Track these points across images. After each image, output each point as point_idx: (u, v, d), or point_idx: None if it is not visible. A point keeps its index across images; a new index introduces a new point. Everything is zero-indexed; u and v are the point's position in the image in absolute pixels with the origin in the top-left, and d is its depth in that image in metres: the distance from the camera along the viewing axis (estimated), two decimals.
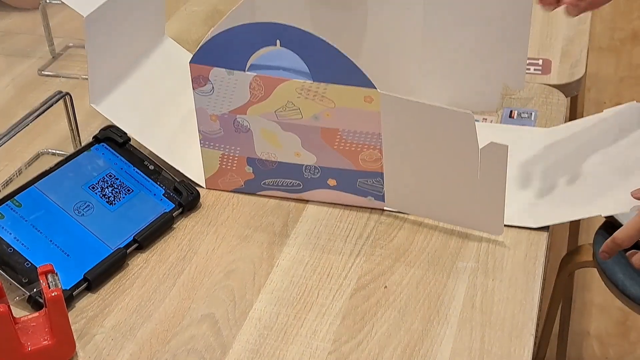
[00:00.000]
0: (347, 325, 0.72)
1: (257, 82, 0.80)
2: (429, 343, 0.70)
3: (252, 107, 0.82)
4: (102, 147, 0.87)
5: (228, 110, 0.83)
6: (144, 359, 0.70)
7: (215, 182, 0.88)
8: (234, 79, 0.80)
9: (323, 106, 0.79)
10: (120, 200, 0.83)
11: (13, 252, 0.76)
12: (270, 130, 0.82)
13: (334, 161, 0.83)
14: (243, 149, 0.85)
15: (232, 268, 0.79)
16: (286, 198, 0.87)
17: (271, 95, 0.80)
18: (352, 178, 0.83)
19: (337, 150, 0.82)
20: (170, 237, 0.83)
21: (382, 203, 0.84)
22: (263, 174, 0.86)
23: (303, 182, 0.85)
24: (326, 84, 0.78)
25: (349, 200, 0.85)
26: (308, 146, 0.83)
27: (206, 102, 0.83)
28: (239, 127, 0.83)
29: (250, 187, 0.87)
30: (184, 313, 0.74)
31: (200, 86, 0.82)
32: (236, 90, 0.81)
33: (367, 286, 0.76)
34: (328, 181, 0.84)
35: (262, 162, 0.85)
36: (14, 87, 1.11)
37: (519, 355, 0.69)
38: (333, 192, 0.85)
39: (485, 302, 0.74)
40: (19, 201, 0.80)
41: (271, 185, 0.86)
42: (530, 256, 0.79)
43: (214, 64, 0.80)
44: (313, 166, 0.84)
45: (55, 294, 0.66)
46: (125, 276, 0.79)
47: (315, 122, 0.80)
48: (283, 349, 0.70)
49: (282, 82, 0.79)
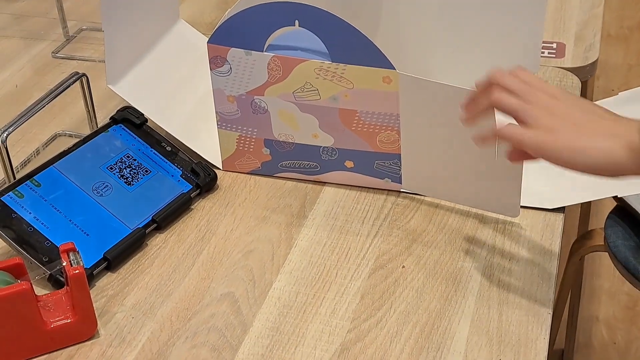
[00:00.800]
0: (365, 304, 0.73)
1: (275, 63, 0.80)
2: (447, 321, 0.71)
3: (270, 87, 0.82)
4: (119, 128, 0.88)
5: (245, 91, 0.83)
6: (164, 337, 0.70)
7: (232, 164, 0.89)
8: (252, 59, 0.80)
9: (341, 87, 0.79)
10: (139, 181, 0.84)
11: (33, 231, 0.76)
12: (288, 112, 0.83)
13: (351, 143, 0.83)
14: (260, 131, 0.85)
15: (251, 248, 0.80)
16: (303, 180, 0.87)
17: (289, 75, 0.80)
18: (369, 160, 0.83)
19: (355, 131, 0.82)
20: (188, 217, 0.84)
21: (398, 185, 0.85)
22: (280, 156, 0.86)
23: (320, 163, 0.85)
24: (345, 64, 0.78)
25: (366, 182, 0.85)
26: (326, 127, 0.83)
27: (224, 82, 0.83)
28: (256, 108, 0.83)
29: (267, 169, 0.88)
30: (203, 292, 0.75)
31: (217, 67, 0.82)
32: (254, 71, 0.81)
33: (385, 266, 0.77)
34: (345, 163, 0.84)
35: (280, 144, 0.85)
36: (29, 70, 1.12)
37: (537, 334, 0.69)
38: (350, 174, 0.85)
39: (503, 281, 0.75)
40: (38, 181, 0.80)
41: (288, 167, 0.87)
42: (547, 237, 0.79)
43: (232, 44, 0.80)
44: (330, 148, 0.84)
45: (78, 272, 0.67)
46: (144, 256, 0.79)
47: (333, 103, 0.81)
48: (303, 327, 0.71)
49: (301, 63, 0.79)
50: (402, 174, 0.84)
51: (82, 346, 0.70)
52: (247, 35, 0.80)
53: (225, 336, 0.70)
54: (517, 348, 0.68)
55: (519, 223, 0.81)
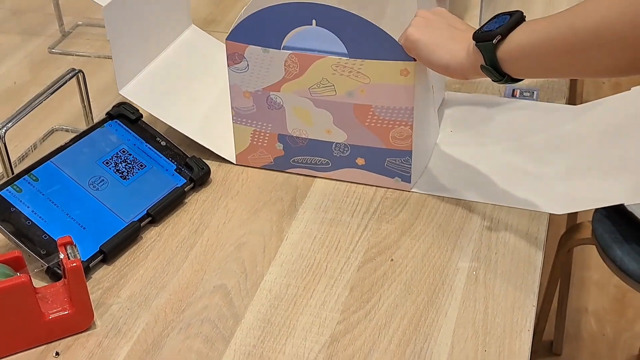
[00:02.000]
0: (355, 297, 0.75)
1: (292, 60, 0.81)
2: (434, 314, 0.73)
3: (286, 84, 0.83)
4: (115, 124, 0.90)
5: (262, 87, 0.84)
6: (159, 328, 0.72)
7: (245, 158, 0.90)
8: (269, 56, 0.82)
9: (358, 82, 0.80)
10: (134, 175, 0.85)
11: (31, 225, 0.78)
12: (303, 107, 0.84)
13: (364, 139, 0.84)
14: (275, 126, 0.86)
15: (243, 241, 0.82)
16: (296, 174, 0.89)
17: (306, 72, 0.81)
18: (380, 157, 0.84)
19: (368, 127, 0.83)
20: (182, 211, 0.86)
21: (407, 185, 0.85)
22: (293, 151, 0.87)
23: (332, 160, 0.86)
24: (362, 59, 0.79)
25: (376, 180, 0.86)
26: (339, 123, 0.84)
27: (240, 79, 0.85)
28: (272, 104, 0.85)
29: (280, 164, 0.89)
30: (197, 284, 0.77)
31: (235, 63, 0.84)
32: (271, 68, 0.83)
33: (374, 259, 0.79)
34: (357, 160, 0.85)
35: (293, 139, 0.87)
36: (25, 65, 1.13)
37: (521, 326, 0.71)
38: (360, 172, 0.86)
39: (489, 274, 0.77)
40: (36, 175, 0.82)
41: (300, 162, 0.88)
42: (532, 230, 0.81)
43: (250, 42, 0.82)
44: (343, 144, 0.85)
45: (75, 265, 0.69)
46: (139, 249, 0.81)
47: (348, 99, 0.82)
48: (293, 319, 0.73)
49: (318, 59, 0.80)
50: (411, 173, 0.84)
51: (79, 337, 0.71)
52: (265, 33, 0.81)
53: (218, 327, 0.72)
54: (502, 339, 0.70)
55: (505, 216, 0.83)
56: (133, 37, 0.92)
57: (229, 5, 1.27)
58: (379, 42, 0.78)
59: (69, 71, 0.91)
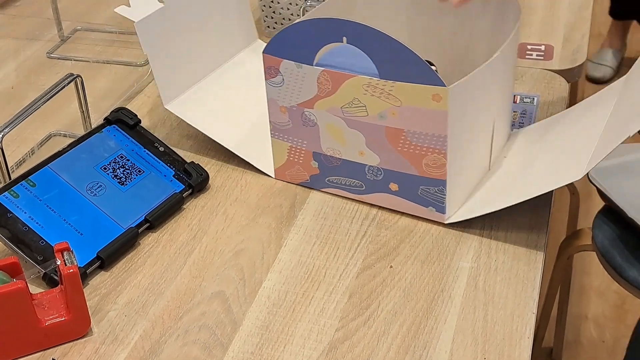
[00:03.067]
0: (353, 303, 0.74)
1: (324, 77, 0.80)
2: (434, 321, 0.72)
3: (319, 101, 0.82)
4: (113, 129, 0.89)
5: (296, 102, 0.83)
6: (156, 334, 0.72)
7: (283, 174, 0.89)
8: (303, 72, 0.81)
9: (389, 104, 0.78)
10: (132, 181, 0.85)
11: (28, 231, 0.78)
12: (336, 126, 0.82)
13: (397, 164, 0.81)
14: (310, 143, 0.85)
15: (241, 248, 0.81)
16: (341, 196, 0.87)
17: (338, 90, 0.80)
18: (414, 184, 0.81)
19: (401, 152, 0.80)
20: (180, 217, 0.85)
21: (442, 216, 0.81)
22: (328, 171, 0.86)
23: (365, 183, 0.84)
24: (393, 81, 0.77)
25: (410, 208, 0.83)
26: (372, 145, 0.81)
27: (277, 93, 0.84)
28: (306, 121, 0.84)
29: (315, 183, 0.88)
30: (195, 291, 0.76)
31: (271, 77, 0.83)
32: (304, 84, 0.81)
33: (373, 266, 0.79)
34: (390, 185, 0.83)
35: (328, 158, 0.85)
36: (24, 70, 1.13)
37: (521, 334, 0.71)
38: (394, 198, 0.83)
39: (488, 281, 0.76)
40: (33, 181, 0.82)
41: (335, 183, 0.86)
42: (532, 238, 0.81)
43: (285, 56, 0.81)
44: (376, 167, 0.82)
45: (72, 271, 0.68)
46: (137, 255, 0.80)
47: (380, 121, 0.79)
48: (292, 326, 0.72)
49: (349, 78, 0.78)
50: (446, 204, 0.80)
51: (75, 344, 0.71)
52: (298, 48, 0.80)
53: (216, 334, 0.72)
54: (501, 347, 0.70)
55: (505, 223, 0.83)
56: (177, 52, 0.92)
57: None
58: (410, 64, 0.75)
59: (67, 76, 0.91)
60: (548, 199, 0.87)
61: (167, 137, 0.94)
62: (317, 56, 0.80)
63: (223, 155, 0.94)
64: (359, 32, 0.77)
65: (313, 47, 0.80)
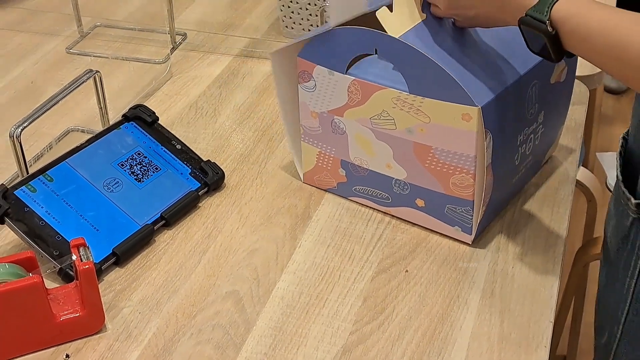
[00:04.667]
0: (368, 307, 0.74)
1: (355, 86, 0.79)
2: (449, 327, 0.72)
3: (348, 110, 0.81)
4: (131, 126, 0.89)
5: (327, 109, 0.83)
6: (170, 332, 0.72)
7: (312, 178, 0.89)
8: (334, 79, 0.80)
9: (418, 120, 0.77)
10: (148, 178, 0.85)
11: (44, 225, 0.78)
12: (365, 137, 0.81)
13: (423, 180, 0.80)
14: (338, 151, 0.84)
15: (256, 247, 0.81)
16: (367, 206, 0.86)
17: (368, 101, 0.79)
18: (440, 202, 0.79)
19: (428, 169, 0.78)
20: (195, 215, 0.85)
21: (469, 237, 0.80)
22: (355, 180, 0.85)
23: (392, 196, 0.83)
24: (422, 97, 0.75)
25: (436, 226, 0.82)
26: (399, 159, 0.80)
27: (309, 97, 0.83)
28: (335, 128, 0.83)
29: (343, 190, 0.87)
30: (209, 289, 0.76)
31: (304, 81, 0.83)
32: (335, 91, 0.81)
33: (388, 270, 0.78)
34: (416, 201, 0.81)
35: (355, 168, 0.84)
36: (43, 65, 1.13)
37: (537, 342, 0.70)
38: (420, 214, 0.82)
39: (505, 288, 0.75)
40: (50, 176, 0.82)
41: (362, 192, 0.85)
42: (550, 244, 0.80)
43: (318, 61, 0.81)
44: (403, 181, 0.81)
45: (88, 267, 0.68)
46: (152, 252, 0.80)
47: (408, 136, 0.78)
48: (305, 328, 0.72)
49: (379, 90, 0.78)
50: (473, 225, 0.78)
51: (89, 340, 0.71)
52: (331, 55, 0.80)
53: (229, 334, 0.71)
54: (517, 355, 0.69)
55: (522, 229, 0.82)
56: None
57: (247, 9, 1.27)
58: (440, 81, 0.73)
59: (86, 72, 0.91)
60: (566, 206, 0.86)
61: (184, 135, 0.94)
62: (349, 65, 0.79)
63: (239, 154, 0.94)
64: (390, 46, 0.75)
65: (346, 55, 0.79)
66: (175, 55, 1.13)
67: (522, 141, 0.81)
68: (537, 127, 0.83)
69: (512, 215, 0.84)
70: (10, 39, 1.19)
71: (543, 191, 0.88)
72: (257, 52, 1.14)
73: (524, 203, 0.86)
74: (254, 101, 1.04)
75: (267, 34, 1.19)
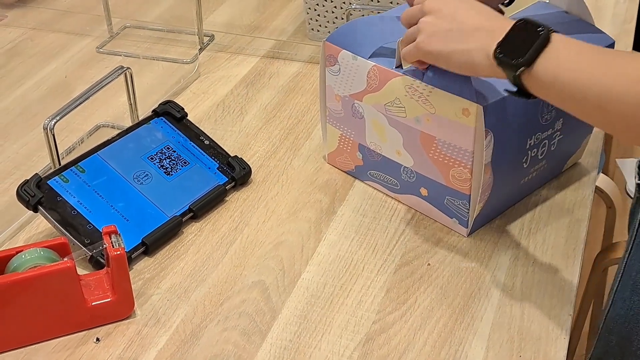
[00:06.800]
0: (391, 298, 0.75)
1: (374, 72, 0.81)
2: (470, 318, 0.73)
3: (367, 95, 0.83)
4: (160, 121, 0.91)
5: (349, 93, 0.85)
6: (197, 319, 0.73)
7: (334, 160, 0.92)
8: (357, 64, 0.82)
9: (425, 110, 0.78)
10: (177, 172, 0.87)
11: (76, 215, 0.80)
12: (380, 123, 0.84)
13: (427, 169, 0.82)
14: (357, 135, 0.87)
15: (282, 240, 0.83)
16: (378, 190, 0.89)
17: (383, 88, 0.81)
18: (441, 193, 0.81)
19: (432, 159, 0.80)
20: (222, 208, 0.87)
21: (465, 230, 0.82)
22: (370, 164, 0.87)
23: (400, 183, 0.86)
24: (432, 87, 0.77)
25: (437, 216, 0.84)
26: (408, 147, 0.82)
27: (333, 81, 0.86)
28: (355, 112, 0.86)
29: (359, 174, 0.90)
30: (235, 279, 0.78)
31: (330, 65, 0.85)
32: (357, 76, 0.83)
33: (411, 263, 0.80)
34: (421, 189, 0.84)
35: (370, 152, 0.87)
36: (74, 64, 1.16)
37: (557, 334, 0.71)
38: (424, 203, 0.84)
39: (526, 282, 0.77)
40: (82, 167, 0.84)
41: (375, 177, 0.88)
42: (571, 241, 0.81)
43: (344, 46, 0.83)
44: (410, 169, 0.83)
45: (119, 253, 0.70)
46: (180, 243, 0.82)
47: (416, 125, 0.80)
48: (329, 317, 0.73)
49: (395, 77, 0.80)
50: (469, 219, 0.80)
51: (119, 324, 0.73)
52: (358, 41, 0.82)
53: (255, 321, 0.73)
54: (537, 346, 0.70)
55: (543, 225, 0.84)
56: None
57: (273, 12, 1.29)
58: (453, 73, 0.73)
59: (117, 68, 0.93)
60: (586, 207, 0.87)
61: (212, 131, 0.96)
62: (373, 51, 0.81)
63: (265, 151, 0.96)
64: None
65: (373, 41, 0.81)
66: (203, 55, 1.16)
67: (533, 145, 0.83)
68: (554, 133, 0.84)
69: (532, 214, 0.85)
70: (43, 38, 1.22)
71: (563, 193, 0.89)
72: (283, 53, 1.16)
73: (544, 204, 0.87)
74: (280, 101, 1.06)
75: (293, 36, 1.22)
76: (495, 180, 0.80)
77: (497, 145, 0.77)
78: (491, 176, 0.79)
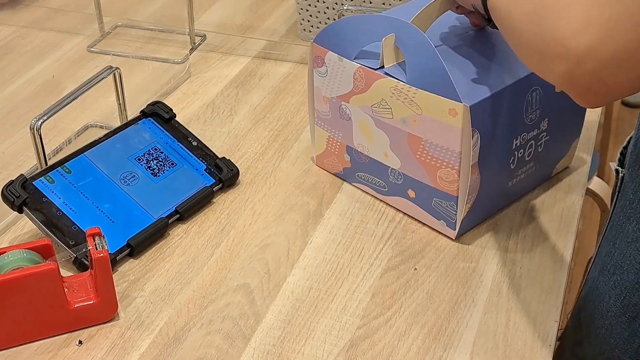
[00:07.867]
0: (376, 303, 0.75)
1: (359, 73, 0.81)
2: (455, 324, 0.73)
3: (353, 97, 0.83)
4: (148, 122, 0.91)
5: (336, 95, 0.85)
6: (181, 322, 0.73)
7: (322, 162, 0.92)
8: (343, 65, 0.82)
9: (411, 111, 0.78)
10: (164, 173, 0.87)
11: (61, 216, 0.80)
12: (366, 124, 0.83)
13: (415, 171, 0.81)
14: (344, 136, 0.87)
15: (268, 242, 0.82)
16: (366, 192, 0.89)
17: (369, 89, 0.81)
18: (429, 194, 0.81)
19: (419, 160, 0.80)
20: (209, 210, 0.87)
21: (452, 232, 0.81)
22: (358, 166, 0.87)
23: (388, 185, 0.85)
24: (416, 88, 0.77)
25: (424, 218, 0.84)
26: (395, 149, 0.82)
27: (321, 82, 0.86)
28: (342, 114, 0.85)
29: (347, 176, 0.89)
30: (220, 282, 0.77)
31: (318, 66, 0.85)
32: (343, 77, 0.83)
33: (397, 267, 0.79)
34: (408, 191, 0.83)
35: (358, 154, 0.86)
36: (64, 62, 1.16)
37: (543, 340, 0.71)
38: (411, 205, 0.84)
39: (512, 288, 0.76)
40: (69, 168, 0.84)
41: (363, 179, 0.88)
42: (559, 246, 0.81)
43: (330, 47, 0.83)
44: (397, 171, 0.83)
45: (102, 255, 0.70)
46: (166, 244, 0.82)
47: (403, 126, 0.80)
48: (314, 321, 0.73)
49: (380, 79, 0.79)
50: (456, 221, 0.80)
51: (102, 327, 0.72)
52: (344, 42, 0.81)
53: (239, 325, 0.73)
54: (522, 353, 0.70)
55: (531, 230, 0.83)
56: None
57: (266, 12, 1.29)
58: (436, 75, 0.74)
59: (106, 68, 0.93)
60: (575, 211, 0.87)
61: (201, 132, 0.96)
62: (358, 52, 0.81)
63: (254, 152, 0.96)
64: (407, 33, 0.76)
65: (359, 42, 0.81)
66: (194, 55, 1.15)
67: (520, 146, 0.82)
68: (539, 134, 0.84)
69: (521, 219, 0.85)
70: (34, 37, 1.22)
71: (553, 198, 0.88)
72: (274, 54, 1.16)
73: (534, 208, 0.87)
74: (270, 102, 1.06)
75: (285, 37, 1.21)
76: (483, 181, 0.80)
77: (484, 145, 0.77)
78: (478, 177, 0.79)
